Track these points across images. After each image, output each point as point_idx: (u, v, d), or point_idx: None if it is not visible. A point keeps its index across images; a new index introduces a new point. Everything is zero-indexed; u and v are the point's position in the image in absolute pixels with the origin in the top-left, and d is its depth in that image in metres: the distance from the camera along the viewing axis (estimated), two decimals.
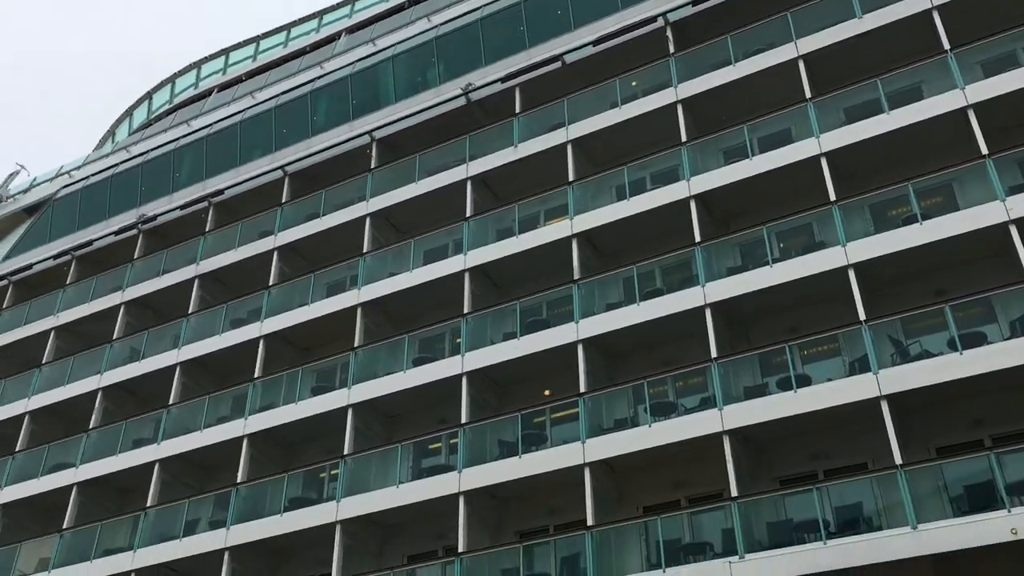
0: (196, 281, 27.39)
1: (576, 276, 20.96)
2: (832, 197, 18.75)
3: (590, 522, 17.59)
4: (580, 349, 19.83)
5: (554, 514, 19.53)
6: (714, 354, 18.18)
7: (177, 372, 25.66)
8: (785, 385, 17.29)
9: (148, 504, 23.39)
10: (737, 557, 15.64)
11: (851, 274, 17.69)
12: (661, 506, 18.13)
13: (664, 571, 16.17)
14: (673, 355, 19.55)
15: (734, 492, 16.52)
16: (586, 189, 22.30)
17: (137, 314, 28.38)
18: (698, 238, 19.85)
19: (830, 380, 16.97)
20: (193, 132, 31.67)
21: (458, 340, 21.63)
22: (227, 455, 23.29)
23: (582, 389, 19.29)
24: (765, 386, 17.72)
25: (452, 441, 20.35)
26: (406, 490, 19.93)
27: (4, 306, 31.88)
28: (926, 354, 16.48)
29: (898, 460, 15.49)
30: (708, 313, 18.79)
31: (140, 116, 37.80)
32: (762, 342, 18.60)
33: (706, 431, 17.35)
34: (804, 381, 17.19)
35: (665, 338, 19.82)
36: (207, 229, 28.63)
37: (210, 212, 29.16)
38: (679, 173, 21.06)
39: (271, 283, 25.76)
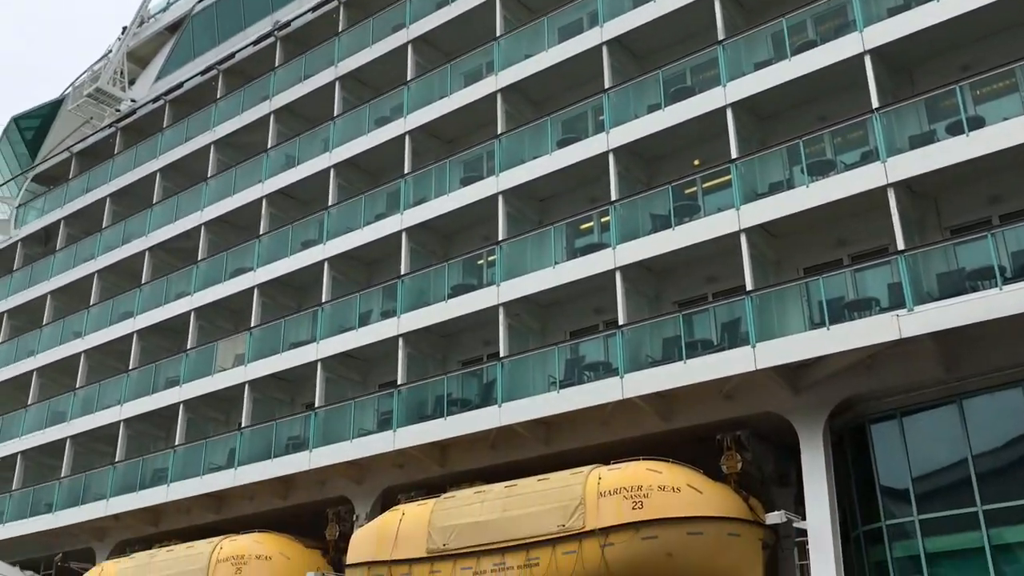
0: (337, 83, 27.68)
1: (720, 36, 19.83)
2: None
3: (749, 287, 17.55)
4: (729, 113, 19.08)
5: (712, 282, 19.59)
6: (875, 104, 17.09)
7: (332, 174, 26.52)
8: (955, 130, 16.14)
9: (323, 300, 24.94)
10: (905, 310, 15.29)
11: None
12: (822, 266, 17.83)
13: (828, 328, 16.06)
14: (830, 111, 18.55)
15: (900, 246, 15.97)
16: None
17: (286, 121, 29.12)
18: None
19: (1006, 120, 15.72)
20: None
21: (601, 117, 21.22)
22: (388, 249, 24.31)
23: (733, 155, 18.71)
24: (933, 133, 16.63)
25: (604, 219, 20.38)
26: (562, 270, 20.33)
27: (164, 125, 33.39)
28: None
29: None
30: (868, 60, 17.52)
31: None
32: (928, 86, 17.28)
33: (868, 186, 16.59)
34: (977, 123, 15.97)
35: (821, 93, 18.76)
36: (340, 29, 28.54)
37: (340, 11, 28.96)
38: None
39: (409, 78, 25.71)
